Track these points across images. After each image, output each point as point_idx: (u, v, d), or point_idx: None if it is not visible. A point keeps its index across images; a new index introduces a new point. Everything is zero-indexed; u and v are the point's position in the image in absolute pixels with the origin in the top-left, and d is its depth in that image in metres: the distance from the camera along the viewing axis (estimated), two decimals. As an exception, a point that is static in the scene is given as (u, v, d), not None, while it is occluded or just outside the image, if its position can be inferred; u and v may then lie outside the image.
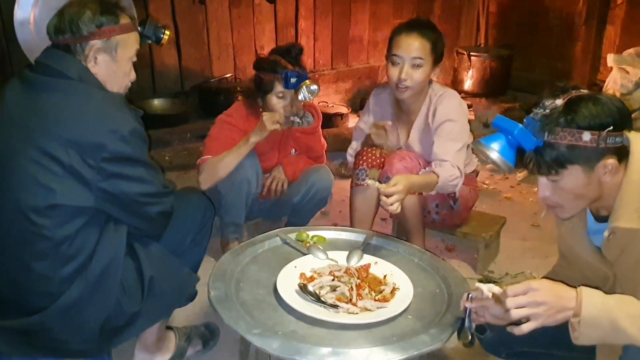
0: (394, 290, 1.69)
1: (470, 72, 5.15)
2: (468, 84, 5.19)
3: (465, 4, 5.52)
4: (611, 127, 1.32)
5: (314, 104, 2.77)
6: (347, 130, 3.99)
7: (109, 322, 1.59)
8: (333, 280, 1.71)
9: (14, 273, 1.54)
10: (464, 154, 2.33)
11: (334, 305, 1.59)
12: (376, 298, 1.65)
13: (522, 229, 3.16)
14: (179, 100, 4.10)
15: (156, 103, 4.02)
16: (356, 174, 2.45)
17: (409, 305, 1.62)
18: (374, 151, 2.43)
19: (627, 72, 4.34)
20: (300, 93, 2.39)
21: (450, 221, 2.58)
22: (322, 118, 2.74)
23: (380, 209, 2.41)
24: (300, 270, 1.75)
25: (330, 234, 2.06)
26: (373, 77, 5.14)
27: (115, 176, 1.51)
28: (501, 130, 1.45)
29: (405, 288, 1.69)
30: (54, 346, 1.58)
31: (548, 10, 5.17)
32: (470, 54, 5.12)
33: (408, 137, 2.46)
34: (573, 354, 1.51)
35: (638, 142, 1.38)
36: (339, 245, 1.98)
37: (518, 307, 1.29)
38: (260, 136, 2.39)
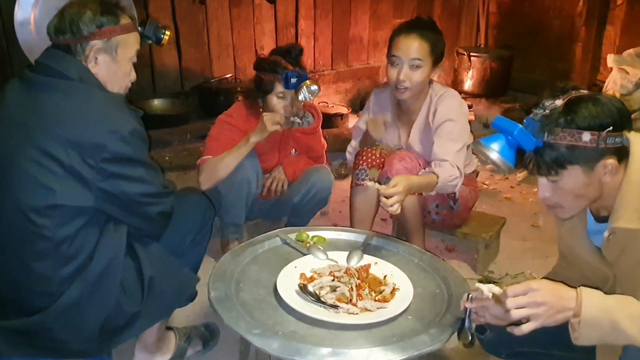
0: (394, 290, 1.69)
1: (470, 73, 5.15)
2: (468, 85, 5.18)
3: (465, 5, 5.51)
4: (611, 128, 1.32)
5: (314, 104, 2.76)
6: (347, 130, 3.99)
7: (109, 322, 1.59)
8: (333, 280, 1.71)
9: (14, 273, 1.54)
10: (464, 154, 2.33)
11: (334, 306, 1.59)
12: (376, 298, 1.65)
13: (522, 229, 3.16)
14: (179, 101, 4.09)
15: (156, 103, 4.01)
16: (356, 174, 2.45)
17: (409, 305, 1.61)
18: (374, 151, 2.43)
19: (627, 73, 4.33)
20: (300, 93, 2.39)
21: (450, 221, 2.58)
22: (322, 118, 2.74)
23: (380, 209, 2.41)
24: (300, 271, 1.75)
25: (330, 234, 2.06)
26: (373, 78, 5.13)
27: (116, 176, 1.51)
28: (501, 130, 1.45)
29: (405, 288, 1.69)
30: (54, 346, 1.58)
31: (548, 10, 5.17)
32: (471, 54, 5.12)
33: (408, 137, 2.46)
34: (573, 354, 1.51)
35: (638, 143, 1.38)
36: (339, 245, 1.98)
37: (518, 308, 1.29)
38: (260, 136, 2.39)
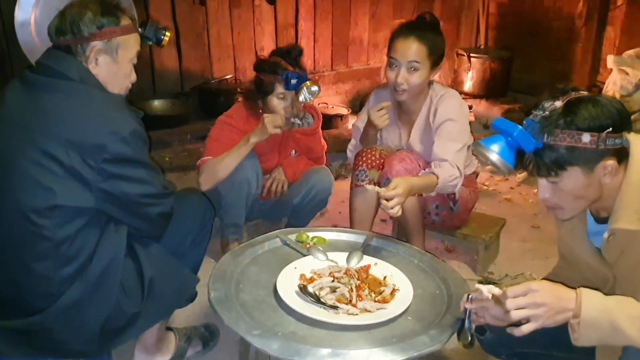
0: (393, 291, 1.69)
1: (470, 74, 5.14)
2: (468, 86, 5.18)
3: (465, 5, 5.51)
4: (610, 129, 1.32)
5: (314, 105, 2.77)
6: (347, 131, 3.98)
7: (109, 323, 1.59)
8: (333, 281, 1.71)
9: (14, 273, 1.54)
10: (464, 154, 2.33)
11: (333, 307, 1.59)
12: (376, 299, 1.65)
13: (522, 230, 3.16)
14: (179, 102, 4.10)
15: (156, 104, 4.02)
16: (356, 175, 2.45)
17: (409, 306, 1.61)
18: (374, 152, 2.43)
19: (627, 74, 4.33)
20: (300, 94, 2.39)
21: (450, 222, 2.58)
22: (322, 119, 2.74)
23: (380, 210, 2.41)
24: (300, 272, 1.75)
25: (330, 235, 2.06)
26: (373, 79, 5.13)
27: (116, 177, 1.51)
28: (501, 131, 1.45)
29: (405, 289, 1.69)
30: (54, 347, 1.59)
31: (548, 11, 5.16)
32: (470, 55, 5.12)
33: (409, 137, 2.46)
34: (573, 355, 1.51)
35: (638, 144, 1.39)
36: (339, 246, 1.98)
37: (518, 308, 1.29)
38: (260, 137, 2.39)
